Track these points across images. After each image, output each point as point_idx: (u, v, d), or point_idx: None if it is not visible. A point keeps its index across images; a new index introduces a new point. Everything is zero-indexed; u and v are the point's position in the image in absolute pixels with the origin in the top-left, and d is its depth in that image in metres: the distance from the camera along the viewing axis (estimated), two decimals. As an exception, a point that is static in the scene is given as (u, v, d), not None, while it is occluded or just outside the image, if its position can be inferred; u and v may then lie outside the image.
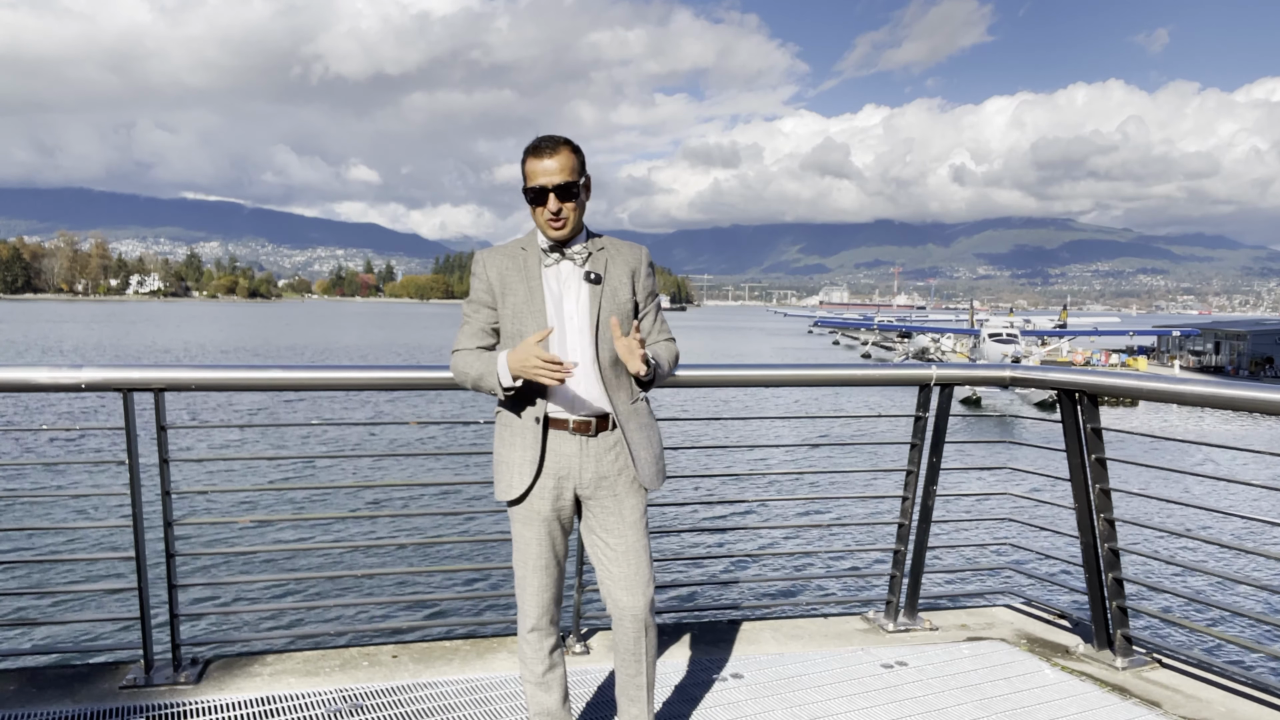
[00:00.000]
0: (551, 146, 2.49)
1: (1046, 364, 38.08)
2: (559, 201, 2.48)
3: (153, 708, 3.13)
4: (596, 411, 2.57)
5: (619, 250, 2.64)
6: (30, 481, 17.80)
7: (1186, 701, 3.44)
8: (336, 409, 24.86)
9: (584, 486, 2.59)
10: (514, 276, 2.59)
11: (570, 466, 2.57)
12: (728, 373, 3.79)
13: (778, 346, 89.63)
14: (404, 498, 17.19)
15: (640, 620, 2.60)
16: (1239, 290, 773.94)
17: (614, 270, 2.60)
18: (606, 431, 2.59)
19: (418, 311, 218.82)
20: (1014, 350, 44.33)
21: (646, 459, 2.63)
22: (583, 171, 2.55)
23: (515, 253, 2.62)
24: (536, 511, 2.59)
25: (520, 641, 2.72)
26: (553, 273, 2.58)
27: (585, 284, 2.57)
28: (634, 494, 2.63)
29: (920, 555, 4.14)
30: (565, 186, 2.48)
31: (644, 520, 2.66)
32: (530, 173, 2.51)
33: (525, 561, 2.63)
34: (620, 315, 2.57)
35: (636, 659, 2.64)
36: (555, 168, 2.47)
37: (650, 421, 2.69)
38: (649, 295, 2.68)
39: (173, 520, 3.39)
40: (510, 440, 2.60)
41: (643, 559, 2.62)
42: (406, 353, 65.78)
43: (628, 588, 2.59)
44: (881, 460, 15.70)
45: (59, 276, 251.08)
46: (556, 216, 2.50)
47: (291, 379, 3.44)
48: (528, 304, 2.56)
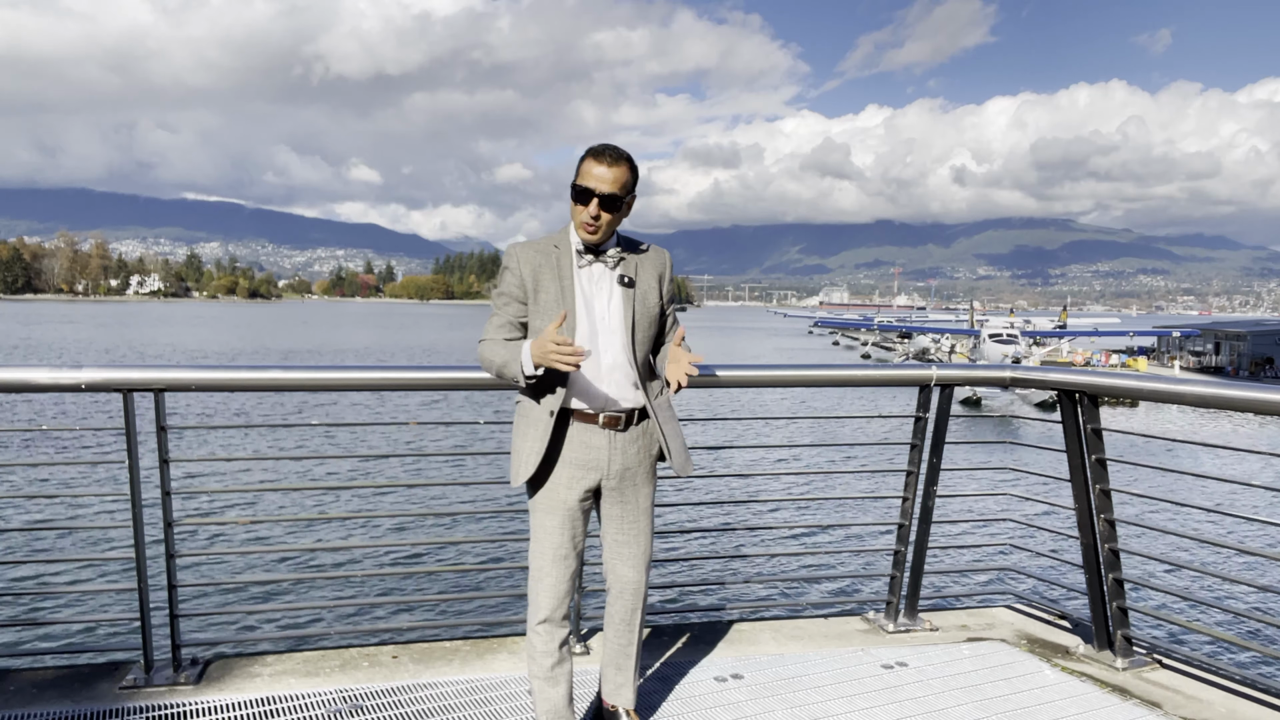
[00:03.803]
0: (613, 157, 2.58)
1: (1046, 364, 38.08)
2: (599, 209, 2.58)
3: (153, 708, 3.12)
4: (628, 408, 2.71)
5: (647, 256, 2.78)
6: (30, 481, 17.80)
7: (1187, 702, 3.44)
8: (337, 409, 24.85)
9: (610, 478, 2.74)
10: (546, 274, 2.66)
11: (600, 459, 2.70)
12: (728, 373, 3.79)
13: (778, 347, 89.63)
14: (404, 498, 17.19)
15: (639, 594, 2.86)
16: (1239, 291, 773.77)
17: (644, 275, 2.74)
18: (634, 425, 2.74)
19: (418, 312, 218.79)
20: (1014, 351, 44.33)
21: (678, 448, 2.79)
22: (632, 190, 2.64)
23: (548, 250, 2.70)
24: (562, 501, 2.70)
25: (530, 634, 2.77)
26: (585, 273, 2.69)
27: (618, 287, 2.69)
28: (649, 482, 2.83)
29: (920, 556, 4.13)
30: (611, 197, 2.58)
31: (653, 506, 2.88)
32: (584, 172, 2.59)
33: (544, 552, 2.72)
34: (650, 318, 2.73)
35: (630, 629, 2.88)
36: (609, 177, 2.57)
37: (674, 413, 2.85)
38: (670, 299, 2.85)
39: (173, 520, 3.39)
40: (525, 431, 2.72)
41: (648, 540, 2.86)
42: (406, 353, 65.79)
43: (633, 564, 2.83)
44: (881, 461, 15.71)
45: (59, 277, 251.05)
46: (594, 221, 2.60)
47: (291, 379, 3.44)
48: (559, 303, 2.64)
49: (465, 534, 14.06)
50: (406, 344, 76.78)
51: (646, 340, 2.74)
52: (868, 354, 77.34)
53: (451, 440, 19.72)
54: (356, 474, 18.23)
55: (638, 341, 2.69)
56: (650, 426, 2.77)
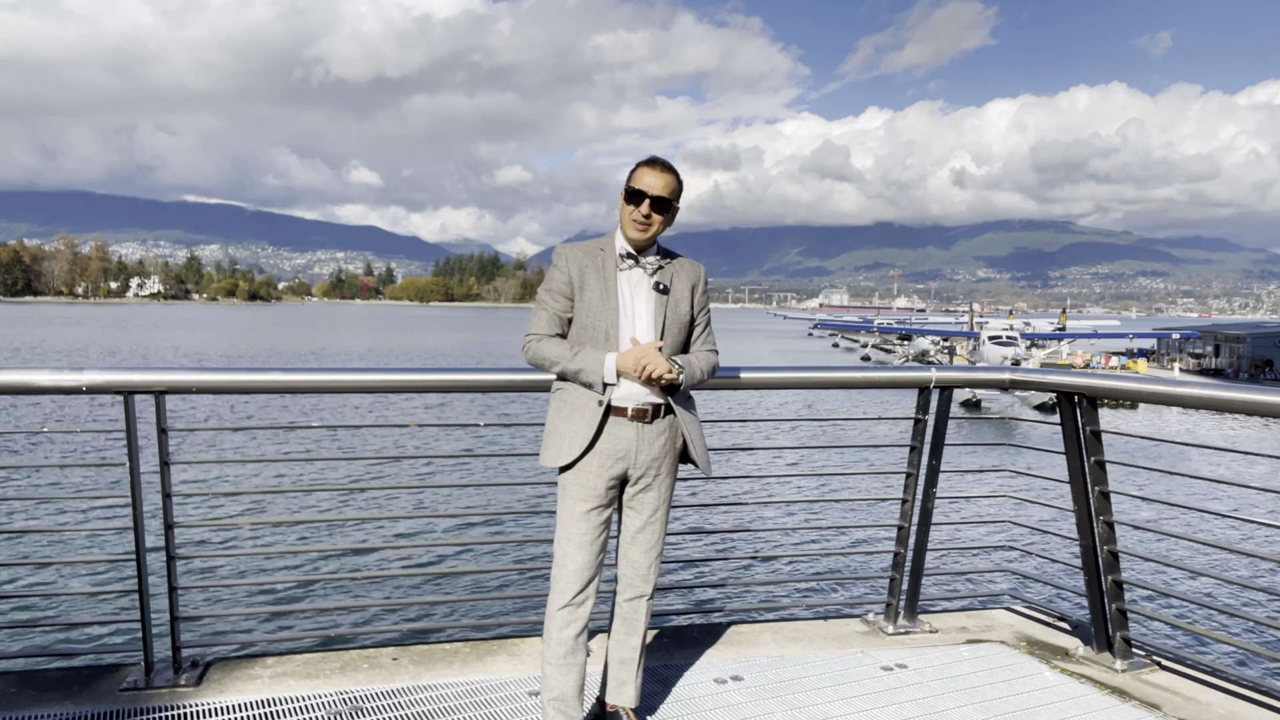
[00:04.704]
0: (665, 167, 2.87)
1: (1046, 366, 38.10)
2: (651, 208, 2.81)
3: (153, 710, 3.13)
4: (654, 401, 2.87)
5: (683, 266, 2.99)
6: (31, 484, 17.80)
7: (1186, 704, 3.44)
8: (336, 411, 24.85)
9: (637, 467, 2.89)
10: (592, 274, 2.87)
11: (629, 449, 2.86)
12: (728, 375, 3.79)
13: (777, 349, 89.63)
14: (404, 501, 17.19)
15: (648, 582, 2.98)
16: (1239, 293, 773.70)
17: (678, 284, 2.94)
18: (659, 419, 2.89)
19: (418, 314, 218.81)
20: (1014, 353, 44.32)
21: (700, 445, 2.96)
22: (678, 197, 2.89)
23: (595, 252, 2.91)
24: (592, 488, 2.85)
25: (547, 620, 2.89)
26: (625, 277, 2.89)
27: (654, 293, 2.89)
28: (671, 475, 2.98)
29: (920, 557, 4.14)
30: (661, 200, 2.82)
31: (671, 501, 3.02)
32: (637, 177, 2.85)
33: (570, 538, 2.86)
34: (680, 324, 2.93)
35: (637, 618, 2.99)
36: (660, 183, 2.83)
37: (696, 414, 3.01)
38: (702, 309, 3.03)
39: (173, 522, 3.39)
40: (568, 415, 2.87)
41: (662, 531, 3.00)
42: (408, 356, 65.79)
43: (646, 550, 2.97)
44: (881, 463, 15.69)
45: (59, 279, 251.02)
46: (646, 219, 2.82)
47: (291, 381, 3.44)
48: (602, 302, 2.85)
49: (466, 536, 14.06)
50: (407, 346, 76.78)
51: (675, 344, 2.92)
52: (867, 356, 77.30)
53: (453, 443, 19.72)
54: (357, 476, 18.23)
55: (666, 345, 2.86)
56: (675, 423, 2.92)
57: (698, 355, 2.97)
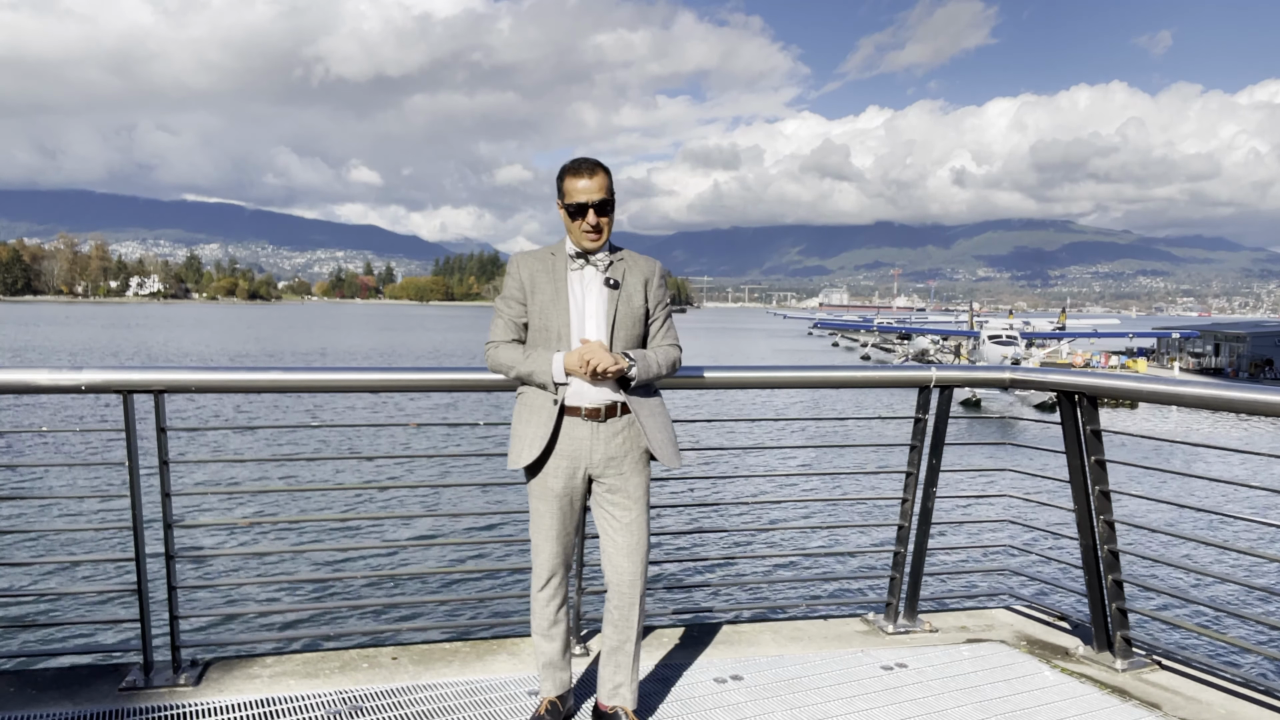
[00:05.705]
0: (590, 168, 2.86)
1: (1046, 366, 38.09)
2: (597, 216, 2.84)
3: (152, 709, 3.12)
4: (607, 400, 2.87)
5: (635, 262, 2.99)
6: (30, 483, 17.80)
7: (1186, 703, 3.44)
8: (336, 411, 24.85)
9: (594, 466, 2.90)
10: (543, 278, 2.92)
11: (582, 449, 2.88)
12: (727, 374, 3.79)
13: (777, 348, 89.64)
14: (403, 500, 17.19)
15: (636, 586, 2.94)
16: (1239, 292, 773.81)
17: (630, 279, 2.95)
18: (615, 418, 2.90)
19: (418, 313, 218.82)
20: (1013, 352, 44.34)
21: (662, 440, 2.94)
22: (613, 191, 2.91)
23: (545, 257, 2.97)
24: (550, 488, 2.91)
25: (532, 601, 3.05)
26: (577, 276, 2.92)
27: (605, 289, 2.90)
28: (639, 473, 2.95)
29: (920, 557, 4.14)
30: (603, 203, 2.85)
31: (647, 498, 2.98)
32: (569, 190, 2.85)
33: (539, 531, 2.96)
34: (633, 318, 2.92)
35: (629, 624, 2.96)
36: (594, 187, 2.84)
37: (661, 409, 3.00)
38: (660, 303, 3.01)
39: (172, 522, 3.39)
40: (528, 418, 2.92)
41: (643, 531, 2.95)
42: (408, 355, 65.77)
43: (629, 554, 2.93)
44: (881, 462, 15.70)
45: (59, 278, 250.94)
46: (596, 230, 2.86)
47: (291, 381, 3.44)
48: (554, 302, 2.89)
49: (465, 536, 14.06)
50: (408, 346, 76.78)
51: (629, 339, 2.92)
52: (867, 355, 77.32)
53: (452, 442, 19.71)
54: (356, 476, 18.23)
55: (618, 339, 2.88)
56: (633, 420, 2.92)
57: (655, 349, 2.96)
